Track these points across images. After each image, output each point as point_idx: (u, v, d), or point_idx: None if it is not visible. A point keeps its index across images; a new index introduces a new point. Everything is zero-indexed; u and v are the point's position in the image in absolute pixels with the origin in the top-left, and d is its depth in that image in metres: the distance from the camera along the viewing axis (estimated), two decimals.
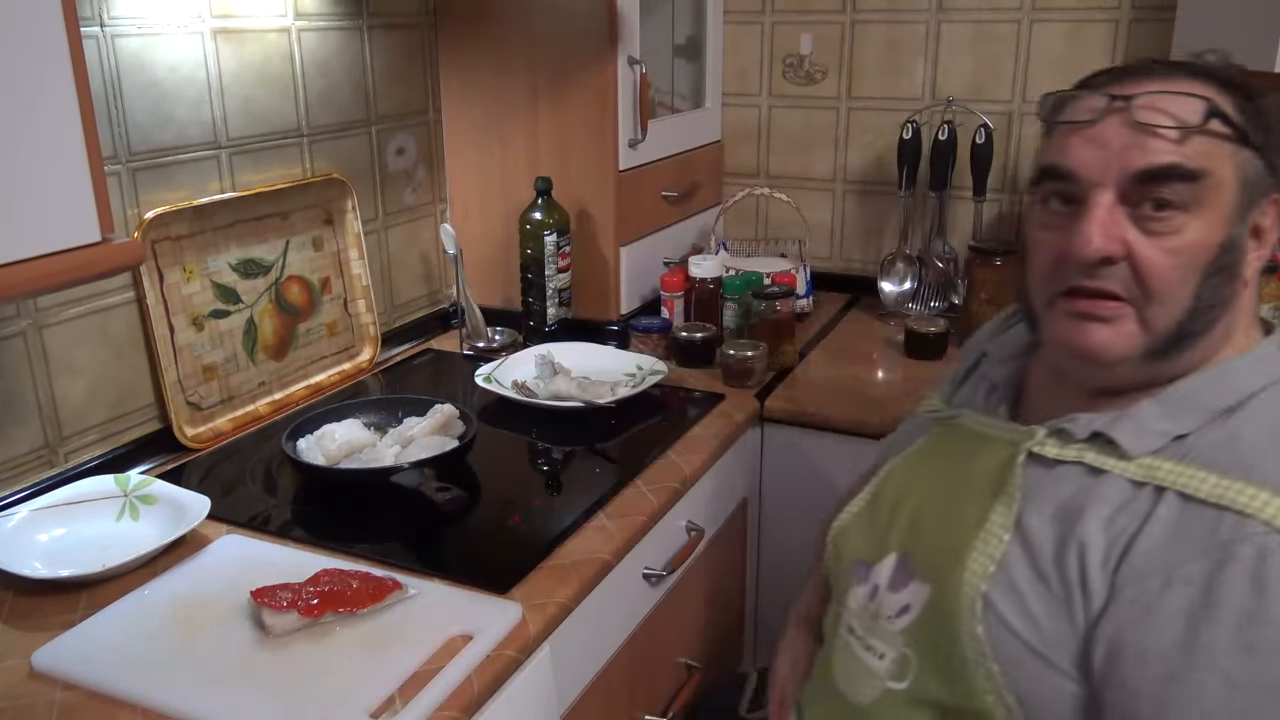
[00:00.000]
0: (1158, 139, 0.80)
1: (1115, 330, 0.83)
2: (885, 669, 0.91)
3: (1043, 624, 0.81)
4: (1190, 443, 0.81)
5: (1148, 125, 0.80)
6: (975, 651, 0.83)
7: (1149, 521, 0.78)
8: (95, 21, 1.25)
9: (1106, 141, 0.82)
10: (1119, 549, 0.79)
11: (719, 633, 1.61)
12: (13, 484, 1.22)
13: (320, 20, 1.58)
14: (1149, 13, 1.78)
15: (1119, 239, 0.81)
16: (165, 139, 1.36)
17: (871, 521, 1.00)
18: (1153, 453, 0.82)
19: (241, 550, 1.13)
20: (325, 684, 0.90)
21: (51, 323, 1.25)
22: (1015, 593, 0.82)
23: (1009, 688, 0.82)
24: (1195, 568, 0.75)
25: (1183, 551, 0.76)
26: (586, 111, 1.74)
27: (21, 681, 0.93)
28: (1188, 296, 0.81)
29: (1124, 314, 0.83)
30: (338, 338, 1.67)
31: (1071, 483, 0.84)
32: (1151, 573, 0.76)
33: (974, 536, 0.86)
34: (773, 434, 1.61)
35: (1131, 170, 0.81)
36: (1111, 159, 0.81)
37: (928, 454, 1.00)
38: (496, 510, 1.26)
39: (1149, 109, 0.81)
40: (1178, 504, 0.78)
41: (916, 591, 0.90)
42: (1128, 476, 0.81)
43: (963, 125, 1.89)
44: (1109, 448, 0.83)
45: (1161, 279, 0.81)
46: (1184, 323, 0.82)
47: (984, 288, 1.76)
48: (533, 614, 1.02)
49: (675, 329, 1.72)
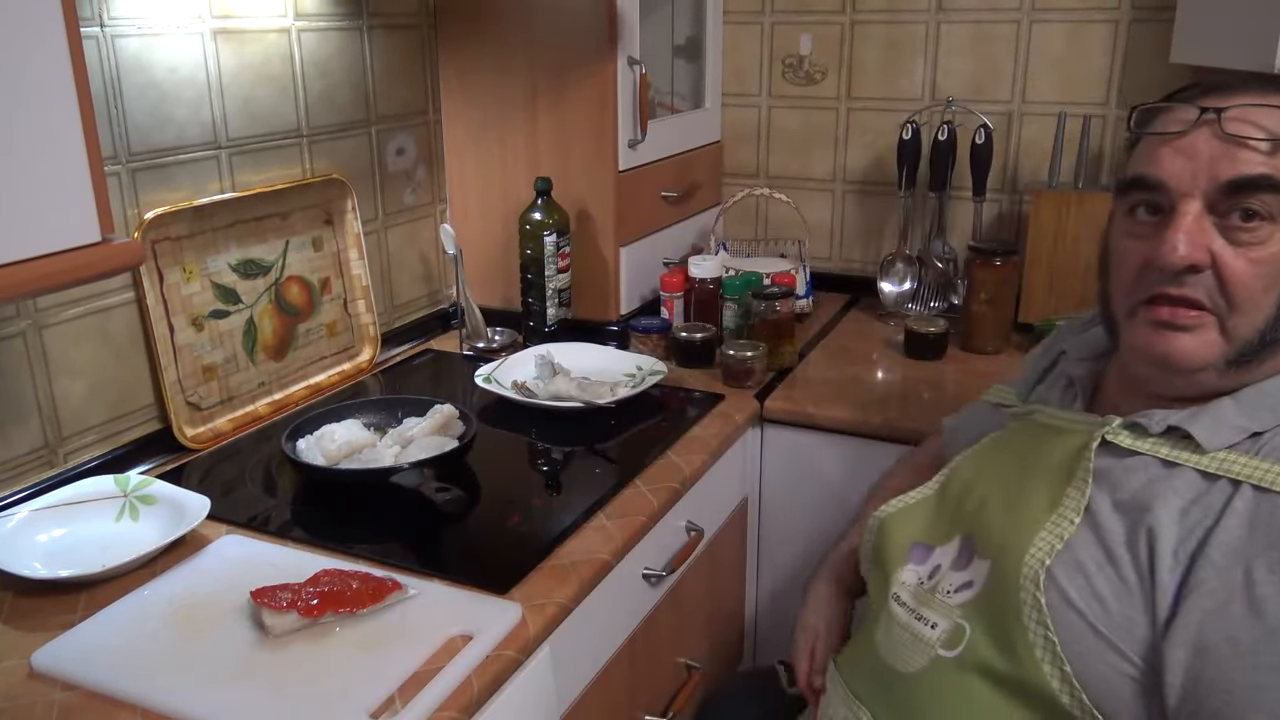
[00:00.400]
0: (1248, 150, 0.81)
1: (1197, 339, 0.85)
2: (937, 637, 0.91)
3: (1110, 607, 0.81)
4: (1266, 439, 0.82)
5: (1238, 137, 0.82)
6: (1037, 623, 0.83)
7: (1225, 515, 0.79)
8: (95, 22, 1.25)
9: (1196, 152, 0.83)
10: (1194, 542, 0.80)
11: (719, 633, 1.61)
12: (12, 484, 1.22)
13: (320, 20, 1.58)
14: (1149, 13, 1.78)
15: (1205, 248, 0.83)
16: (165, 139, 1.36)
17: (938, 508, 1.01)
18: (1227, 448, 0.83)
19: (241, 550, 1.13)
20: (325, 684, 0.90)
21: (51, 323, 1.25)
22: (1082, 573, 0.83)
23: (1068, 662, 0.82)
24: (1274, 556, 0.75)
25: (1262, 542, 0.77)
26: (586, 112, 1.74)
27: (21, 682, 0.93)
28: (1271, 306, 0.83)
29: (1206, 323, 0.84)
30: (337, 338, 1.67)
31: (1143, 473, 0.85)
32: (1232, 565, 0.77)
33: (1045, 518, 0.87)
34: (772, 434, 1.61)
35: (1221, 180, 0.82)
36: (1201, 169, 0.83)
37: (1000, 446, 1.01)
38: (496, 510, 1.26)
39: (1240, 121, 0.82)
40: (1253, 496, 0.79)
41: (978, 568, 0.91)
42: (1200, 469, 0.82)
43: (962, 125, 1.89)
44: (1183, 442, 0.85)
45: (1246, 288, 0.82)
46: (1265, 331, 0.83)
47: (983, 288, 1.76)
48: (532, 614, 1.02)
49: (675, 329, 1.72)
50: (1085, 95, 1.86)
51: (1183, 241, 0.82)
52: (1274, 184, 0.81)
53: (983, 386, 1.61)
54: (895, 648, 0.96)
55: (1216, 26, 1.53)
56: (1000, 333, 1.78)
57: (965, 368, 1.72)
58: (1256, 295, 0.83)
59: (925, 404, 1.57)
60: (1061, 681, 0.82)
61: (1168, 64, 1.67)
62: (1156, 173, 0.85)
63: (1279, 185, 0.81)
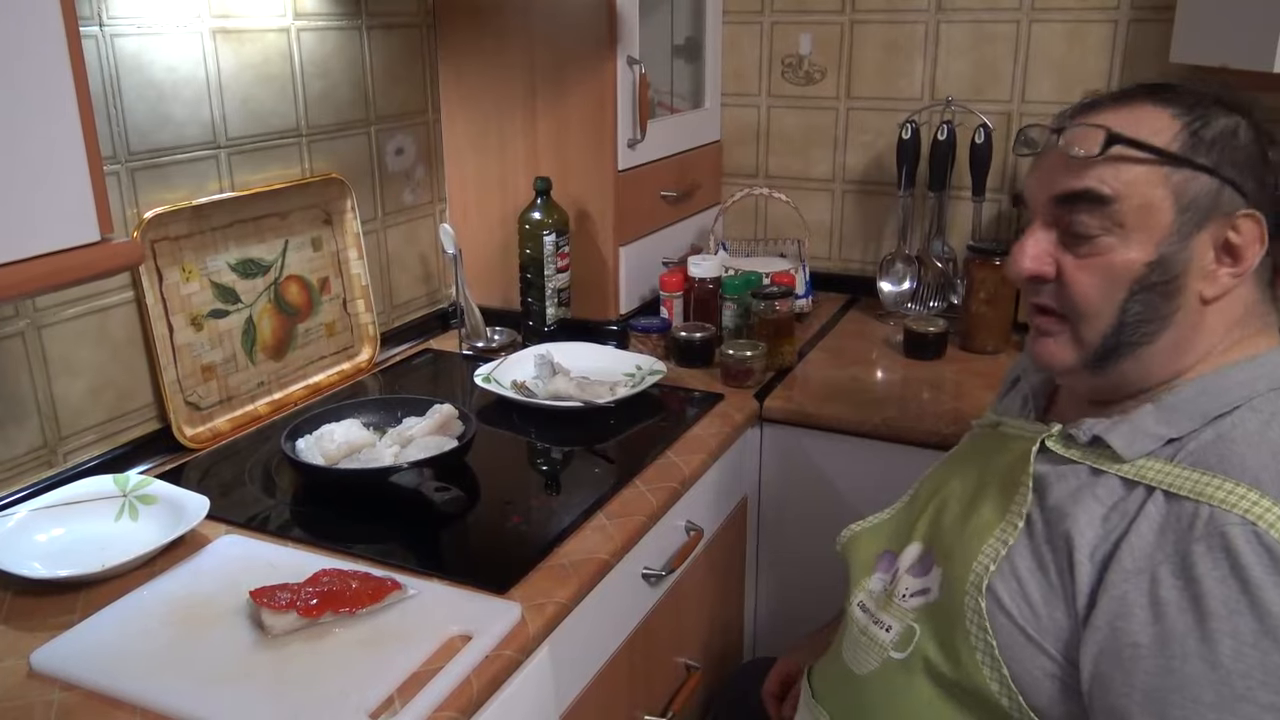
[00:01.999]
0: (1078, 165, 0.86)
1: (1056, 344, 0.90)
2: (890, 640, 0.96)
3: (1038, 610, 0.85)
4: (1181, 444, 0.84)
5: (1067, 154, 0.86)
6: (979, 628, 0.87)
7: (1138, 519, 0.81)
8: (94, 21, 1.25)
9: (1044, 169, 0.90)
10: (1108, 546, 0.82)
11: (718, 632, 1.61)
12: (12, 484, 1.22)
13: (319, 20, 1.58)
14: (1148, 13, 1.78)
15: (1050, 259, 0.88)
16: (164, 139, 1.36)
17: (905, 516, 1.06)
18: (1146, 455, 0.85)
19: (240, 550, 1.13)
20: (324, 684, 0.90)
21: (50, 323, 1.25)
22: (1016, 579, 0.87)
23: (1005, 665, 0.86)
24: (1177, 562, 0.78)
25: (1165, 546, 0.79)
26: (586, 111, 1.74)
27: (20, 682, 0.93)
28: (1112, 313, 0.86)
29: (1062, 329, 0.90)
30: (337, 338, 1.67)
31: (1073, 480, 0.88)
32: (1138, 570, 0.79)
33: (994, 525, 0.91)
34: (772, 434, 1.61)
35: (1053, 194, 0.88)
36: (1043, 185, 0.89)
37: (963, 457, 1.06)
38: (496, 510, 1.26)
39: (1078, 135, 0.87)
40: (1164, 501, 0.81)
41: (934, 576, 0.95)
42: (1121, 475, 0.85)
43: (962, 125, 1.89)
44: (1106, 451, 0.87)
45: (1083, 296, 0.87)
46: (1110, 337, 0.87)
47: (983, 288, 1.76)
48: (532, 614, 1.02)
49: (674, 329, 1.72)
50: None
51: (1026, 254, 0.89)
52: (1094, 196, 0.84)
53: (982, 386, 1.62)
54: (854, 651, 1.01)
55: (1216, 26, 1.53)
56: (999, 332, 1.78)
57: (964, 367, 1.72)
58: (1094, 303, 0.86)
59: (924, 404, 1.57)
60: (1000, 685, 0.86)
61: (1167, 64, 1.67)
62: (1024, 189, 0.93)
63: (1100, 198, 0.84)
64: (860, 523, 1.11)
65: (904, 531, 1.04)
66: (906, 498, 1.10)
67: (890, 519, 1.09)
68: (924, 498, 1.05)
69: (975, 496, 0.96)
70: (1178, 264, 0.84)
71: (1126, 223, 0.84)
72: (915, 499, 1.07)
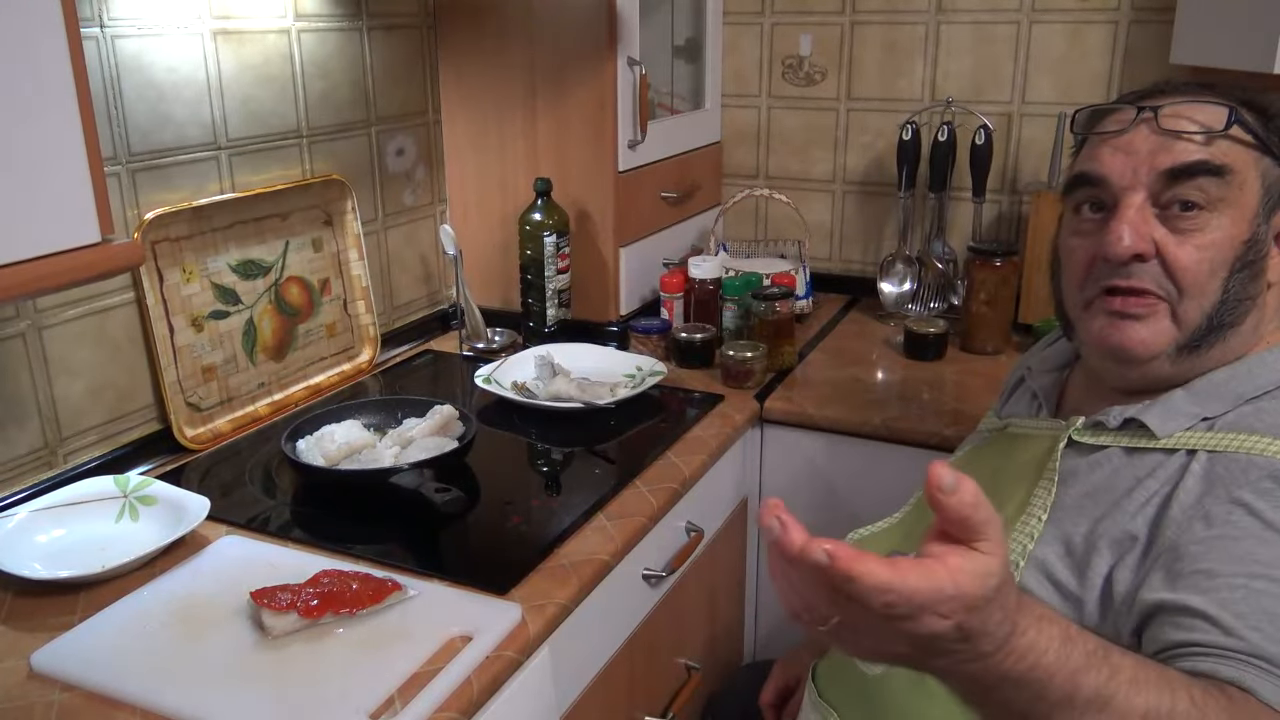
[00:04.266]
0: (1184, 142, 0.86)
1: (1150, 327, 0.88)
2: None
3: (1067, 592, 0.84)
4: (1216, 420, 0.85)
5: (1174, 131, 0.86)
6: None
7: (1184, 479, 0.82)
8: (95, 22, 1.25)
9: (1135, 148, 0.87)
10: (1153, 509, 0.82)
11: (719, 633, 1.61)
12: (12, 485, 1.22)
13: (320, 21, 1.58)
14: (1148, 14, 1.78)
15: (1149, 238, 0.86)
16: (165, 140, 1.36)
17: (916, 522, 1.04)
18: (1182, 430, 0.85)
19: (241, 551, 1.13)
20: (325, 685, 0.90)
21: (51, 324, 1.25)
22: (1043, 571, 0.86)
23: None
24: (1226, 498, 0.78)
25: (1215, 492, 0.79)
26: (586, 112, 1.74)
27: (20, 683, 0.93)
28: (1217, 290, 0.86)
29: (1158, 310, 0.87)
30: (337, 339, 1.67)
31: (1107, 465, 0.88)
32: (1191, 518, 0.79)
33: (1015, 519, 0.90)
34: (772, 435, 1.61)
35: (1160, 170, 0.86)
36: (1140, 163, 0.87)
37: (976, 458, 1.05)
38: (496, 511, 1.26)
39: (1175, 116, 0.87)
40: (1206, 460, 0.82)
41: None
42: (1159, 448, 0.86)
43: (962, 126, 1.89)
44: (1140, 432, 0.87)
45: (1191, 273, 0.85)
46: (1214, 316, 0.86)
47: (983, 288, 1.76)
48: (532, 615, 1.02)
49: (675, 330, 1.72)
50: (1085, 96, 1.86)
51: (1127, 232, 0.86)
52: (1210, 168, 0.84)
53: (982, 387, 1.62)
54: None
55: (1216, 27, 1.53)
56: (1000, 333, 1.78)
57: (965, 368, 1.72)
58: (1202, 280, 0.86)
59: (925, 404, 1.57)
60: None
61: (1167, 65, 1.67)
62: (1099, 169, 0.89)
63: (1215, 169, 0.84)
64: (867, 528, 1.10)
65: (916, 533, 1.02)
66: (915, 500, 1.08)
67: (899, 523, 1.08)
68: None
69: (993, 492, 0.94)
70: (1263, 244, 0.87)
71: (1229, 198, 0.85)
72: (921, 504, 1.06)
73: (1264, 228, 0.87)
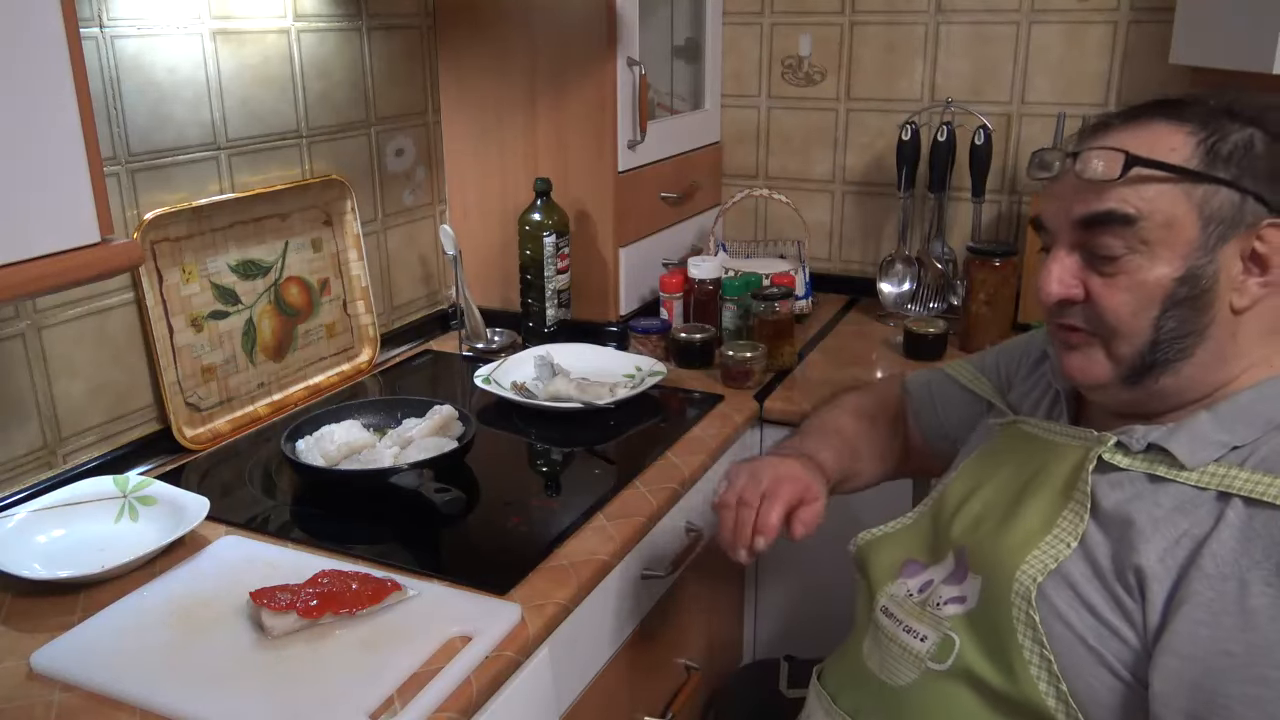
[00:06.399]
0: (1098, 187, 0.86)
1: (1087, 358, 0.90)
2: (926, 650, 0.93)
3: (1101, 617, 0.83)
4: (1248, 451, 0.83)
5: (1087, 178, 0.86)
6: (1033, 640, 0.85)
7: (1218, 527, 0.79)
8: (95, 22, 1.25)
9: (1063, 194, 0.89)
10: (1184, 552, 0.80)
11: (718, 633, 1.61)
12: (12, 485, 1.22)
13: (319, 21, 1.58)
14: (1148, 14, 1.78)
15: (1077, 282, 0.88)
16: (164, 140, 1.36)
17: (932, 527, 1.03)
18: (1213, 461, 0.83)
19: (240, 551, 1.13)
20: (324, 685, 0.90)
21: (51, 324, 1.25)
22: (1070, 587, 0.85)
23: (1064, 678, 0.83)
24: (1269, 566, 0.76)
25: (1257, 554, 0.77)
26: (586, 113, 1.74)
27: (20, 683, 0.93)
28: (1146, 329, 0.86)
29: (1092, 344, 0.90)
30: (337, 339, 1.67)
31: (1129, 488, 0.87)
32: (1223, 576, 0.77)
33: (1040, 537, 0.89)
34: (772, 435, 1.61)
35: (1074, 218, 0.88)
36: (1064, 209, 0.89)
37: (993, 460, 1.03)
38: (495, 511, 1.26)
39: (1094, 159, 0.86)
40: (1244, 509, 0.79)
41: (971, 584, 0.93)
42: (1189, 484, 0.83)
43: (961, 126, 1.89)
44: (1167, 457, 0.86)
45: (1115, 315, 0.87)
46: (1147, 353, 0.87)
47: (983, 289, 1.76)
48: (532, 615, 1.02)
49: (674, 330, 1.72)
50: (1084, 96, 1.86)
51: (1052, 282, 0.89)
52: (1119, 217, 0.84)
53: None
54: (884, 660, 0.98)
55: (1216, 27, 1.53)
56: (999, 333, 1.78)
57: None
58: (1127, 321, 0.86)
59: None
60: (1057, 699, 0.84)
61: (1167, 65, 1.67)
62: (1040, 214, 0.93)
63: (1124, 218, 0.84)
64: (880, 528, 1.08)
65: (932, 538, 1.01)
66: (929, 502, 1.06)
67: (913, 524, 1.06)
68: (953, 502, 1.01)
69: (1016, 502, 0.94)
70: (1206, 277, 0.84)
71: (1151, 239, 0.84)
72: (942, 503, 1.04)
73: (1206, 259, 0.83)
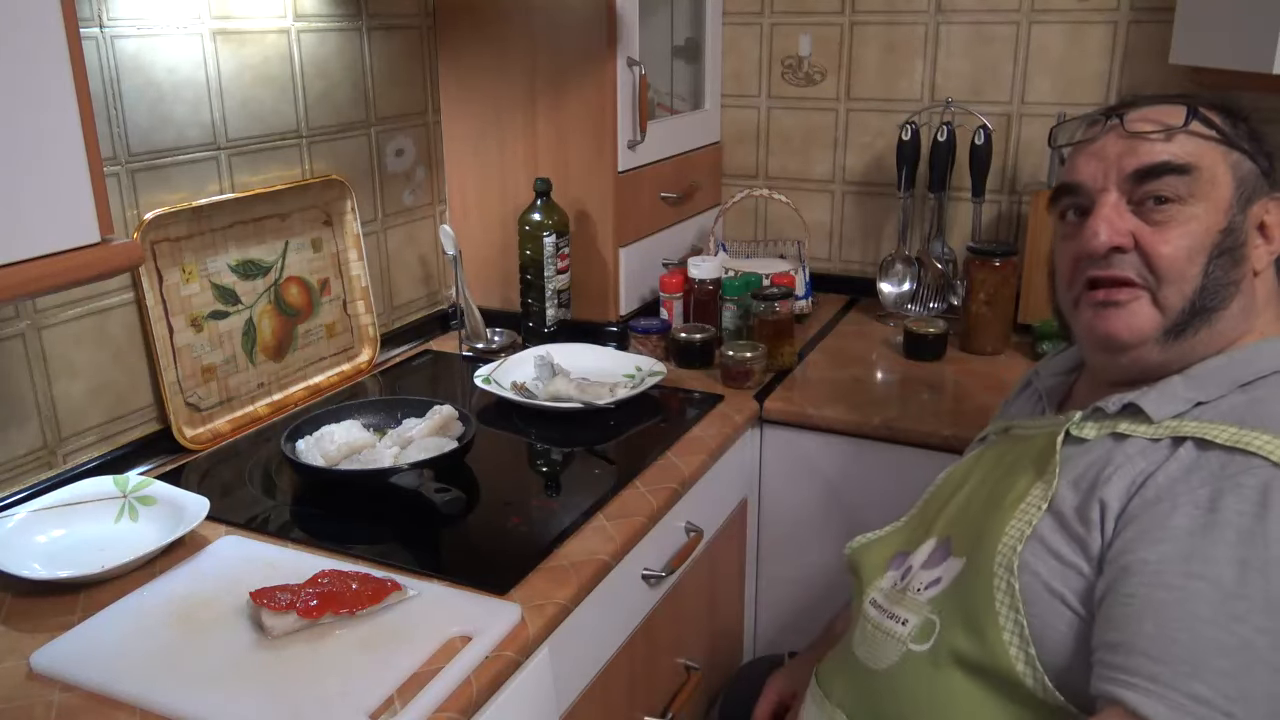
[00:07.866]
0: (1149, 143, 0.92)
1: (1133, 313, 0.92)
2: (907, 633, 0.96)
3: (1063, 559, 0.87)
4: (1211, 406, 0.88)
5: (1139, 133, 0.92)
6: (1009, 608, 0.88)
7: (1167, 462, 0.85)
8: (95, 22, 1.25)
9: (1106, 153, 0.94)
10: (1135, 487, 0.85)
11: (718, 633, 1.61)
12: (12, 485, 1.22)
13: (319, 21, 1.58)
14: (1148, 14, 1.78)
15: (1125, 231, 0.91)
16: (164, 140, 1.36)
17: (918, 522, 1.07)
18: (1175, 416, 0.88)
19: (240, 551, 1.13)
20: (324, 685, 0.90)
21: (50, 324, 1.25)
22: (1041, 542, 0.89)
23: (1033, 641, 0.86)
24: (1202, 493, 0.81)
25: (1194, 482, 0.82)
26: (585, 113, 1.74)
27: (20, 683, 0.93)
28: (1197, 275, 0.90)
29: (1139, 297, 0.92)
30: (337, 339, 1.67)
31: (1098, 449, 0.91)
32: (1161, 499, 0.82)
33: (1013, 510, 0.92)
34: (772, 435, 1.61)
35: (1128, 171, 0.92)
36: (1111, 166, 0.93)
37: (980, 460, 1.07)
38: (495, 511, 1.26)
39: (1139, 120, 0.93)
40: (1194, 449, 0.85)
41: (949, 566, 0.96)
42: (1148, 437, 0.88)
43: (961, 126, 1.89)
44: (1136, 416, 0.90)
45: (1169, 260, 0.90)
46: (1196, 300, 0.91)
47: (982, 288, 1.76)
48: (532, 615, 1.02)
49: (674, 330, 1.72)
50: (1084, 96, 1.86)
51: (1103, 227, 0.91)
52: (1174, 166, 0.90)
53: (982, 387, 1.62)
54: (869, 647, 1.01)
55: (1216, 27, 1.53)
56: (999, 333, 1.78)
57: (964, 368, 1.72)
58: (1181, 265, 0.90)
59: (924, 405, 1.57)
60: (1025, 664, 0.86)
61: (1166, 65, 1.67)
62: (1075, 177, 0.96)
63: (1179, 167, 0.90)
64: (872, 533, 1.12)
65: (918, 533, 1.05)
66: (918, 506, 1.10)
67: (903, 526, 1.10)
68: (939, 501, 1.06)
69: (996, 489, 0.97)
70: (1240, 232, 0.91)
71: (1198, 193, 0.90)
72: (929, 504, 1.08)
73: (1240, 217, 0.91)
